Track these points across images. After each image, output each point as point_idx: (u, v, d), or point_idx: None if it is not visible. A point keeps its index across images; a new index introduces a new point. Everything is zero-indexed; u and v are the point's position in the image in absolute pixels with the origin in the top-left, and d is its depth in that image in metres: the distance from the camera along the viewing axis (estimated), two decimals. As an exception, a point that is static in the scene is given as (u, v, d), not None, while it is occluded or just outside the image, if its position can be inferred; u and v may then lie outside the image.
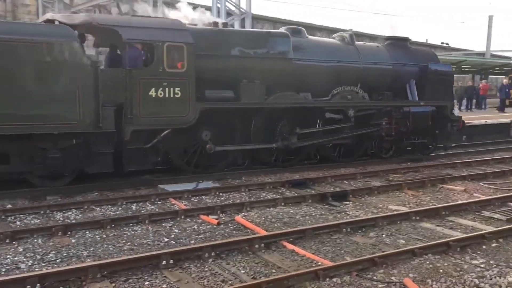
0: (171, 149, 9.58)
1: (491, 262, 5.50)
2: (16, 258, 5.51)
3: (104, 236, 6.37)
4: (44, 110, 7.96)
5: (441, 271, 5.19)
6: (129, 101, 8.61)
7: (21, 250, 5.78)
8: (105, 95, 8.39)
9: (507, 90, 25.08)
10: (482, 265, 5.39)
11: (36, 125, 7.91)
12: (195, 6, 11.86)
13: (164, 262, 5.23)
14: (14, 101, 7.78)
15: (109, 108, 8.46)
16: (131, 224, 6.84)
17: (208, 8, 17.86)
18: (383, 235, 6.52)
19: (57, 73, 8.01)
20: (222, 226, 6.84)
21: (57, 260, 5.48)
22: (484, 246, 6.06)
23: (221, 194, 8.73)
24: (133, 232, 6.54)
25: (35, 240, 6.14)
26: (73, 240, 6.17)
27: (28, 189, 8.35)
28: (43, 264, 5.36)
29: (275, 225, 6.94)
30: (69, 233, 6.41)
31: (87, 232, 6.49)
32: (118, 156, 8.83)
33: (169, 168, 10.13)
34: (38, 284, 4.63)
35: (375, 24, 77.04)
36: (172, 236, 6.40)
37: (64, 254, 5.65)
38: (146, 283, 4.86)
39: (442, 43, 15.17)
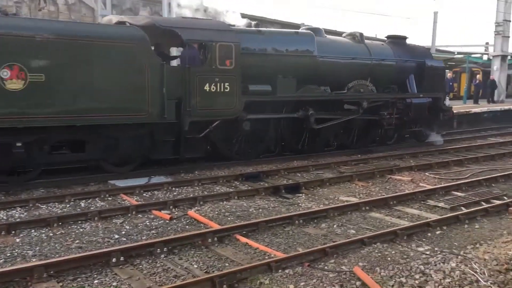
0: (218, 138, 10.64)
1: (436, 249, 5.74)
2: (-46, 260, 5.23)
3: (51, 234, 6.15)
4: (120, 103, 8.80)
5: (389, 259, 5.36)
6: (187, 95, 9.55)
7: (-40, 251, 5.49)
8: (168, 90, 9.21)
9: (450, 83, 26.16)
10: (427, 252, 5.61)
11: (113, 116, 8.75)
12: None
13: (114, 260, 5.12)
14: (94, 95, 8.52)
15: (172, 101, 9.35)
16: (79, 222, 6.64)
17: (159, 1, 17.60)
18: (334, 226, 6.66)
19: (132, 70, 8.86)
20: (174, 221, 6.77)
21: (0, 261, 5.24)
22: (429, 234, 6.31)
23: (173, 188, 8.62)
24: (81, 230, 6.35)
25: (-24, 240, 5.85)
26: (18, 240, 5.92)
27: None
28: (-15, 266, 5.12)
29: (229, 218, 6.94)
30: (13, 232, 6.14)
31: (33, 230, 6.24)
32: (177, 144, 9.85)
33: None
34: (-21, 287, 4.43)
35: (324, 18, 78.11)
36: (123, 232, 6.27)
37: (8, 254, 5.42)
38: (96, 281, 4.74)
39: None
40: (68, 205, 7.48)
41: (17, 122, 7.92)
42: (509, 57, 28.95)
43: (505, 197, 8.18)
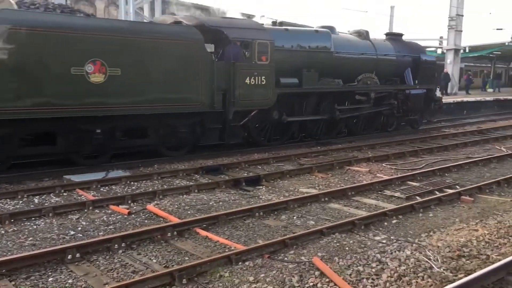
0: (253, 125, 11.90)
1: (392, 237, 5.89)
2: None
3: (3, 232, 5.91)
4: (179, 94, 9.96)
5: (347, 248, 5.46)
6: (232, 87, 10.77)
7: None
8: (217, 82, 10.45)
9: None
10: (384, 241, 5.74)
11: (174, 106, 9.93)
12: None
13: (70, 256, 4.98)
14: (158, 87, 9.63)
15: (219, 93, 10.58)
16: (33, 218, 6.42)
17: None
18: (294, 217, 6.72)
19: (189, 65, 10.04)
20: (133, 215, 6.65)
21: None
22: (385, 223, 6.47)
23: (132, 183, 8.47)
24: (35, 227, 6.13)
25: None
26: (-34, 239, 5.67)
27: None
28: None
29: (189, 212, 6.88)
30: (-39, 231, 5.88)
31: (-17, 229, 5.98)
32: (222, 131, 11.10)
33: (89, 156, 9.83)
34: None
35: (280, 9, 78.32)
36: (79, 228, 6.11)
37: (-44, 254, 5.18)
38: (50, 279, 4.60)
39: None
40: (21, 202, 7.22)
41: (98, 111, 8.97)
42: (461, 51, 29.96)
43: (457, 186, 8.49)
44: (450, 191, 8.07)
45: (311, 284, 4.49)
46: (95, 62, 8.75)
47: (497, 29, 65.16)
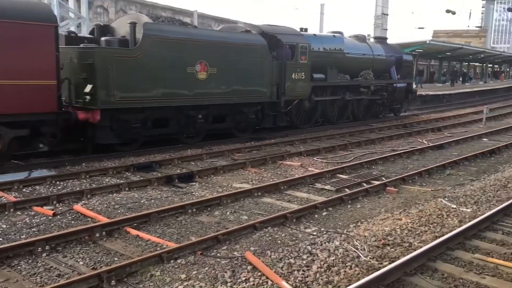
0: (293, 112, 14.80)
1: (322, 229, 6.06)
2: None
3: None
4: (250, 87, 12.96)
5: (279, 241, 5.55)
6: (283, 81, 13.83)
7: None
8: (274, 78, 13.52)
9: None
10: (314, 233, 5.90)
11: (247, 97, 12.96)
12: None
13: (-13, 263, 4.67)
14: (238, 82, 12.54)
15: (275, 86, 13.65)
16: None
17: None
18: (228, 213, 6.73)
19: (257, 64, 13.04)
20: (58, 217, 6.35)
21: None
22: (316, 215, 6.65)
23: (58, 182, 8.08)
24: None
25: None
26: None
27: None
28: None
29: (118, 211, 6.68)
30: None
31: None
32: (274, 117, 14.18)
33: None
34: None
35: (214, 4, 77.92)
36: (-1, 232, 5.74)
37: None
38: (-35, 288, 4.29)
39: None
40: None
41: (203, 101, 11.84)
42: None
43: (383, 178, 8.89)
44: (377, 182, 8.43)
45: (243, 278, 4.51)
46: (201, 63, 11.53)
47: (419, 28, 69.01)
